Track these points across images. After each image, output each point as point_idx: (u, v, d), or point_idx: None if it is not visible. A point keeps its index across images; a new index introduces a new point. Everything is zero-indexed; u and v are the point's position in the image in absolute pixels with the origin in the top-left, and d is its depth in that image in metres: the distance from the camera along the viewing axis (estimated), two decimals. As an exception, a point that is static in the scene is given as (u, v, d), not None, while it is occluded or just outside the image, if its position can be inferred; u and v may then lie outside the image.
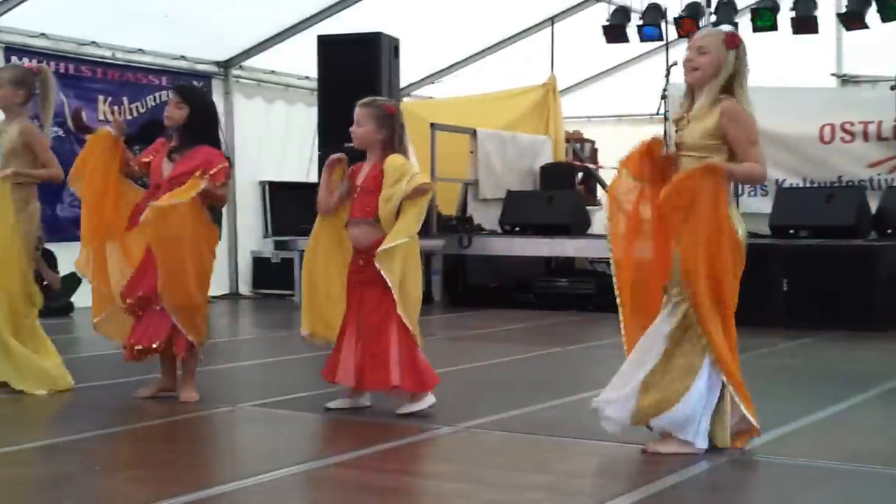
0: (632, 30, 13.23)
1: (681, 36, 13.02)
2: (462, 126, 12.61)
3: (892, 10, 11.91)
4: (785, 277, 9.63)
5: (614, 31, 13.30)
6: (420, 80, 14.82)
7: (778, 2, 12.47)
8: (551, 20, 14.11)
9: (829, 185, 11.12)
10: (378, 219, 5.22)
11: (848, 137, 11.39)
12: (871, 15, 12.10)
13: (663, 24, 13.00)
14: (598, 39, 13.49)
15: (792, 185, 11.44)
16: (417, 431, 4.94)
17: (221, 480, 4.09)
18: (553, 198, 12.03)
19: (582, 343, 8.47)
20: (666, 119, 9.20)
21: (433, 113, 12.98)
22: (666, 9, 12.99)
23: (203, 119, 5.77)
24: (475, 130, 12.66)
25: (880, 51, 12.64)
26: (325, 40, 11.61)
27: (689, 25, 12.66)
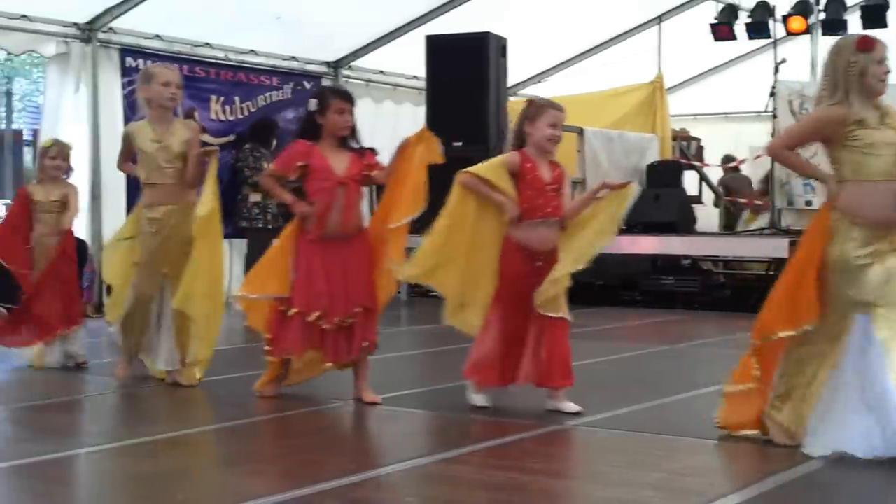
0: (739, 27, 13.08)
1: (789, 33, 12.83)
2: (569, 125, 12.54)
3: None
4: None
5: (722, 29, 13.17)
6: (527, 80, 14.83)
7: (888, -2, 12.23)
8: (659, 19, 14.01)
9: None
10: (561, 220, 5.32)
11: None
12: None
13: (771, 22, 12.82)
14: (705, 37, 13.36)
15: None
16: (526, 429, 4.96)
17: (334, 475, 4.13)
18: (660, 196, 11.95)
19: (690, 341, 8.40)
20: (775, 117, 9.06)
21: (539, 112, 12.96)
22: (774, 6, 12.80)
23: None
24: (582, 129, 12.63)
25: None
26: (433, 40, 11.70)
27: (797, 23, 12.47)
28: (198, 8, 10.77)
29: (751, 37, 13.10)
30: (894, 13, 12.15)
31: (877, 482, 4.19)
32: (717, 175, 14.63)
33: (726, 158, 14.76)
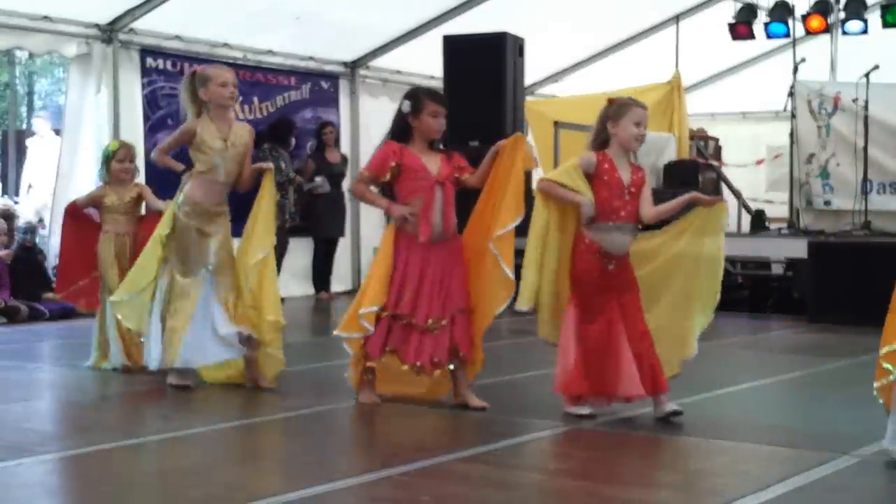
0: (758, 27, 13.05)
1: (808, 32, 12.79)
2: (586, 124, 12.52)
3: None
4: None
5: (740, 28, 13.13)
6: (544, 79, 14.82)
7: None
8: (676, 18, 13.98)
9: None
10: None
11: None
12: None
13: (790, 21, 12.78)
14: (723, 37, 13.33)
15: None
16: (543, 428, 4.98)
17: (348, 473, 4.15)
18: (677, 195, 11.87)
19: (707, 341, 8.34)
20: (793, 117, 9.04)
21: (557, 111, 12.96)
22: (793, 5, 12.77)
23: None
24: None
25: None
26: (450, 40, 11.71)
27: (816, 22, 12.43)
28: (217, 9, 10.84)
29: (769, 36, 13.06)
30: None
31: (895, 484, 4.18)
32: (735, 175, 14.57)
33: None
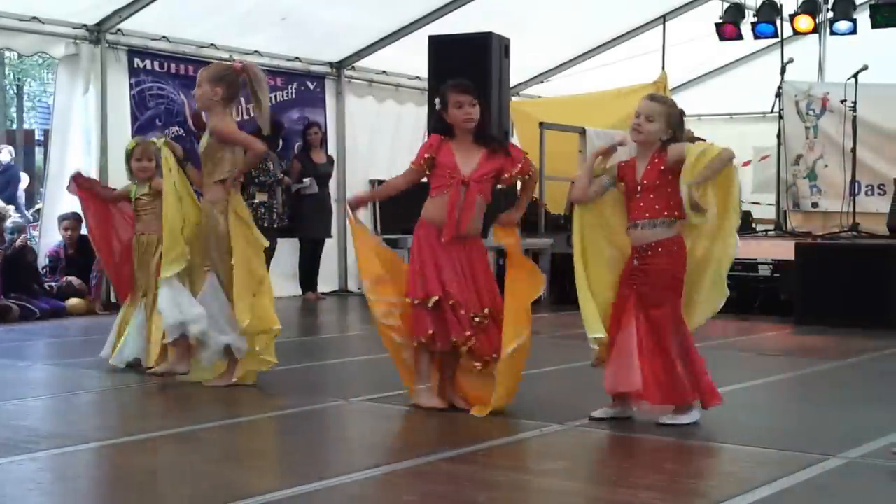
0: (745, 27, 13.06)
1: (796, 33, 12.80)
2: (571, 125, 12.59)
3: None
4: (904, 279, 9.42)
5: (727, 29, 13.14)
6: (530, 80, 14.83)
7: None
8: (663, 18, 13.98)
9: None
10: (662, 220, 5.05)
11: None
12: None
13: (778, 21, 12.80)
14: (710, 37, 13.34)
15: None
16: (529, 429, 4.97)
17: (336, 473, 4.15)
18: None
19: (696, 343, 8.38)
20: (781, 118, 9.07)
21: (542, 112, 12.98)
22: (781, 5, 12.78)
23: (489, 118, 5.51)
24: (584, 129, 12.61)
25: None
26: (435, 40, 11.68)
27: (804, 22, 12.45)
28: (203, 10, 10.85)
29: (757, 36, 13.07)
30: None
31: (884, 487, 4.18)
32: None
33: None
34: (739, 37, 13.18)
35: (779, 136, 12.21)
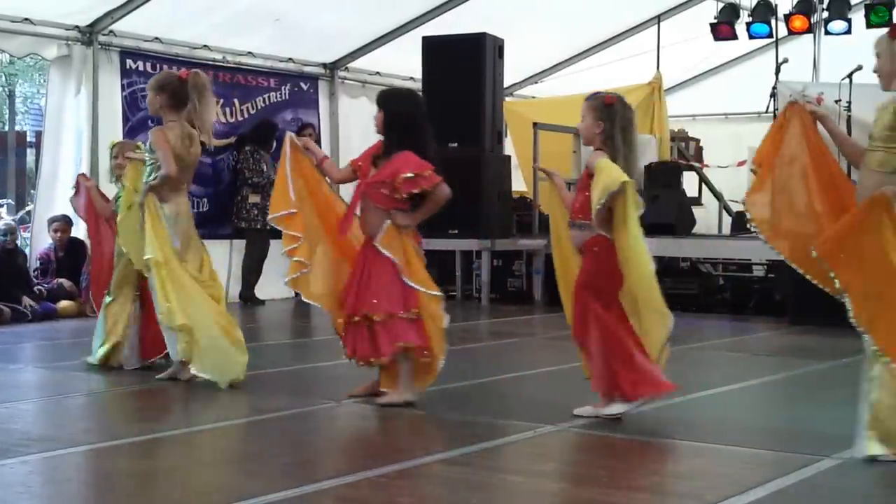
0: (740, 27, 13.05)
1: (791, 33, 12.79)
2: (565, 125, 12.57)
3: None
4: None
5: (722, 29, 13.13)
6: (523, 80, 14.82)
7: (893, -4, 12.18)
8: (658, 18, 13.98)
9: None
10: (586, 223, 5.15)
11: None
12: None
13: (773, 21, 12.79)
14: (705, 37, 13.33)
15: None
16: (522, 430, 4.95)
17: (330, 475, 4.13)
18: (658, 197, 11.90)
19: (686, 344, 8.36)
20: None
21: (536, 112, 12.97)
22: (776, 5, 12.77)
23: (399, 123, 5.56)
24: (578, 130, 12.57)
25: None
26: (429, 41, 11.69)
27: (799, 22, 12.44)
28: (196, 11, 10.82)
29: (751, 36, 13.06)
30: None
31: (878, 488, 4.17)
32: (717, 176, 14.58)
33: None
34: (734, 37, 13.17)
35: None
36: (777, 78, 12.05)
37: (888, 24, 11.98)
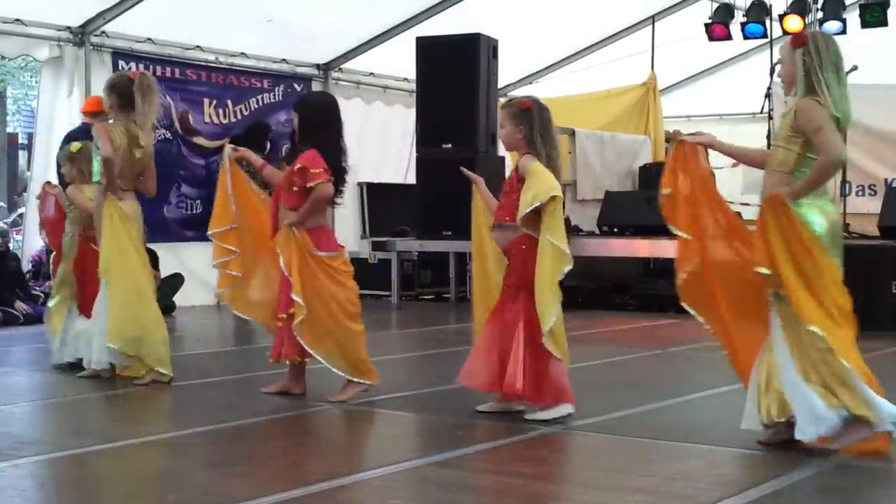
0: (735, 27, 13.03)
1: (785, 33, 12.77)
2: (560, 126, 12.51)
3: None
4: (894, 280, 9.38)
5: (716, 29, 13.12)
6: (518, 81, 14.78)
7: (888, -4, 12.15)
8: (652, 18, 13.96)
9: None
10: (512, 224, 5.26)
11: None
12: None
13: (767, 21, 12.77)
14: (699, 37, 13.31)
15: (902, 184, 11.15)
16: (517, 432, 4.93)
17: (324, 478, 4.11)
18: (652, 198, 11.83)
19: (682, 345, 8.36)
20: (770, 118, 9.01)
21: (531, 113, 12.93)
22: (771, 5, 12.76)
23: (307, 125, 5.87)
24: (574, 130, 12.58)
25: None
26: (423, 42, 11.65)
27: (793, 22, 12.41)
28: (189, 11, 10.77)
29: (746, 36, 13.04)
30: (894, 12, 12.06)
31: (872, 489, 4.16)
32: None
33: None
34: (729, 37, 13.15)
35: (768, 136, 12.16)
36: (772, 78, 12.01)
37: (882, 23, 12.01)
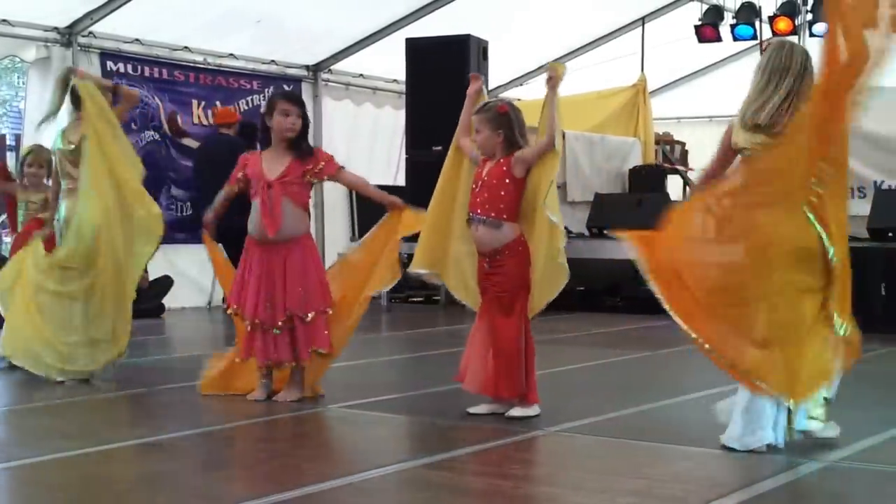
0: (724, 29, 13.06)
1: (775, 35, 12.79)
2: (551, 127, 12.52)
3: None
4: (883, 282, 9.39)
5: (706, 31, 13.13)
6: (508, 82, 14.78)
7: (876, -1, 12.17)
8: (642, 20, 13.97)
9: (930, 186, 10.83)
10: (501, 222, 5.23)
11: (951, 137, 11.05)
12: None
13: (757, 23, 12.79)
14: (689, 39, 13.32)
15: (890, 186, 11.14)
16: (508, 434, 4.92)
17: (312, 480, 4.10)
18: (642, 200, 11.87)
19: (671, 347, 8.34)
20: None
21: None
22: (760, 7, 12.78)
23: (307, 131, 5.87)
24: (563, 132, 12.52)
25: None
26: (413, 43, 11.64)
27: (783, 24, 12.43)
28: (177, 12, 10.73)
29: (736, 38, 13.06)
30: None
31: (862, 491, 4.15)
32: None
33: None
34: (718, 39, 13.18)
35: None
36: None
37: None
